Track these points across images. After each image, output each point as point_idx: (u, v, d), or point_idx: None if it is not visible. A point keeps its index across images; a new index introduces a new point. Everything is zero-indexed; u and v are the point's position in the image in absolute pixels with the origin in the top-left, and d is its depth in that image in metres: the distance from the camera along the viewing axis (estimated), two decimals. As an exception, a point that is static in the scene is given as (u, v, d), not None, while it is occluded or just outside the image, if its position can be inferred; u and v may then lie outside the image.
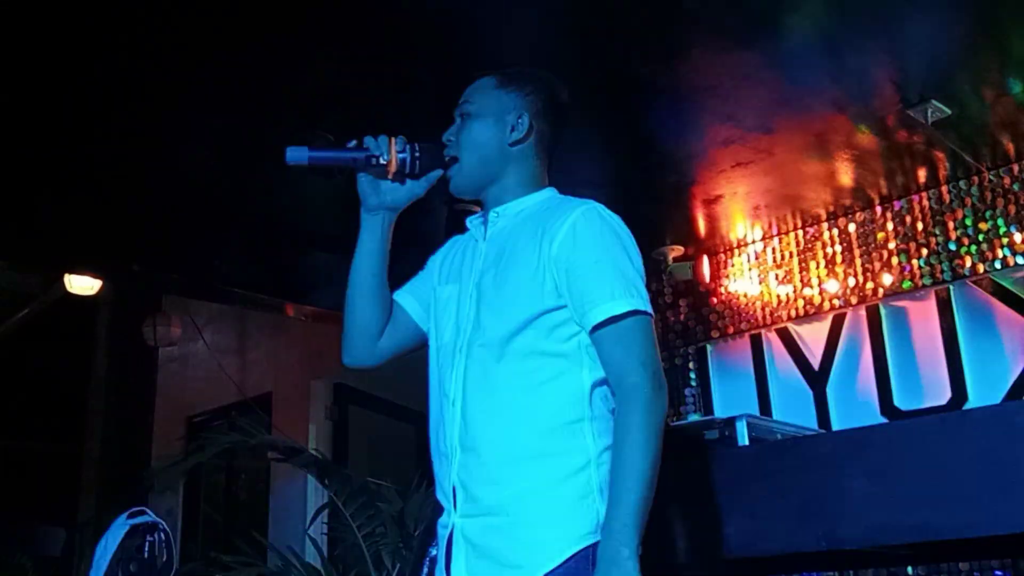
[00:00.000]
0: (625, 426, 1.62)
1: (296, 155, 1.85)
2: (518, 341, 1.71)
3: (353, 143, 1.86)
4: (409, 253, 2.05)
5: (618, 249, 1.74)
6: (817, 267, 4.98)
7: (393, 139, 1.85)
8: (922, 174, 4.49)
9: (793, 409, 4.88)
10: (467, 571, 1.70)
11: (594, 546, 1.62)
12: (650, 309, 1.72)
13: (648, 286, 1.77)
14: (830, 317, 4.92)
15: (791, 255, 5.09)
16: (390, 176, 1.86)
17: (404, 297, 2.01)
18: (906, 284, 4.66)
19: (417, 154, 1.86)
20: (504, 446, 1.68)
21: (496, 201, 1.88)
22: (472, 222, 1.95)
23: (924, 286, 4.61)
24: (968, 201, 4.53)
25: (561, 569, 1.61)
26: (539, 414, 1.69)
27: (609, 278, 1.69)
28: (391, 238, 1.97)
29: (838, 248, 4.92)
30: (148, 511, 4.01)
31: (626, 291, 1.69)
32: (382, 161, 1.83)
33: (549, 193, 1.93)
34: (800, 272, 5.04)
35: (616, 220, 1.82)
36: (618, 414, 1.65)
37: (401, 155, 1.85)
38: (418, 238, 2.09)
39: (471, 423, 1.71)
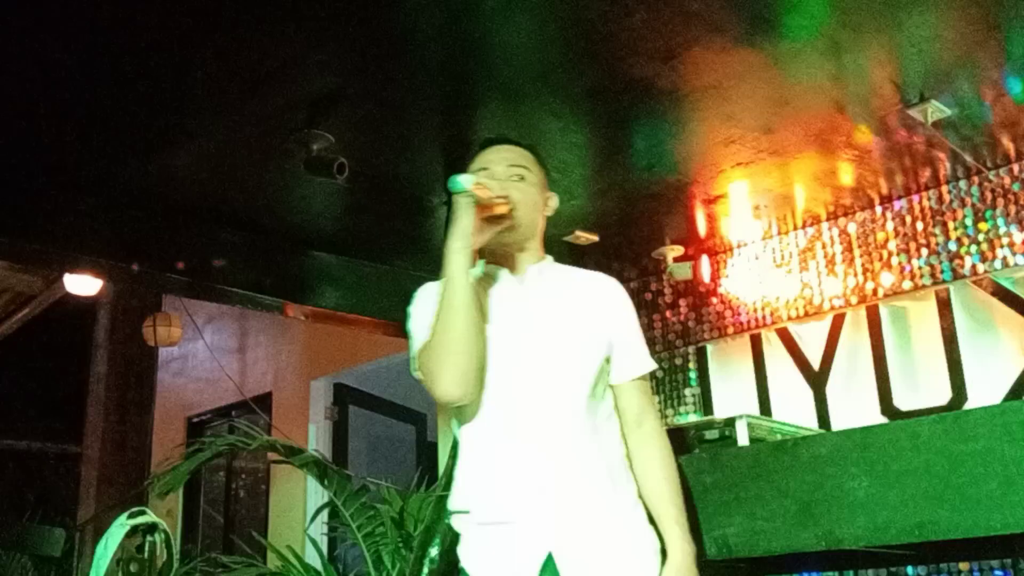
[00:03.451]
0: (665, 457, 2.07)
1: (462, 183, 1.93)
2: (589, 385, 2.01)
3: (472, 177, 1.98)
4: (409, 253, 2.05)
5: (637, 321, 2.19)
6: (817, 267, 4.98)
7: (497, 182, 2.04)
8: (922, 174, 4.49)
9: (793, 409, 4.88)
10: None
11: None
12: None
13: (648, 286, 2.01)
14: (830, 317, 4.92)
15: (791, 255, 5.10)
16: (486, 216, 1.97)
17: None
18: (906, 284, 4.66)
19: (503, 198, 2.00)
20: (590, 473, 1.97)
21: (525, 257, 2.11)
22: (491, 269, 2.12)
23: (924, 286, 4.61)
24: (968, 201, 4.53)
25: None
26: (610, 447, 2.03)
27: (642, 343, 2.15)
28: None
29: (838, 248, 4.92)
30: (148, 511, 4.02)
31: (648, 354, 2.15)
32: (498, 202, 1.98)
33: (551, 259, 2.20)
34: (800, 272, 5.04)
35: None
36: (651, 449, 2.07)
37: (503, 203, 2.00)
38: (417, 239, 2.09)
39: (560, 453, 1.95)
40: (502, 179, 2.05)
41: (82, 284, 5.75)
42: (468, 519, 2.00)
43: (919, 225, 4.66)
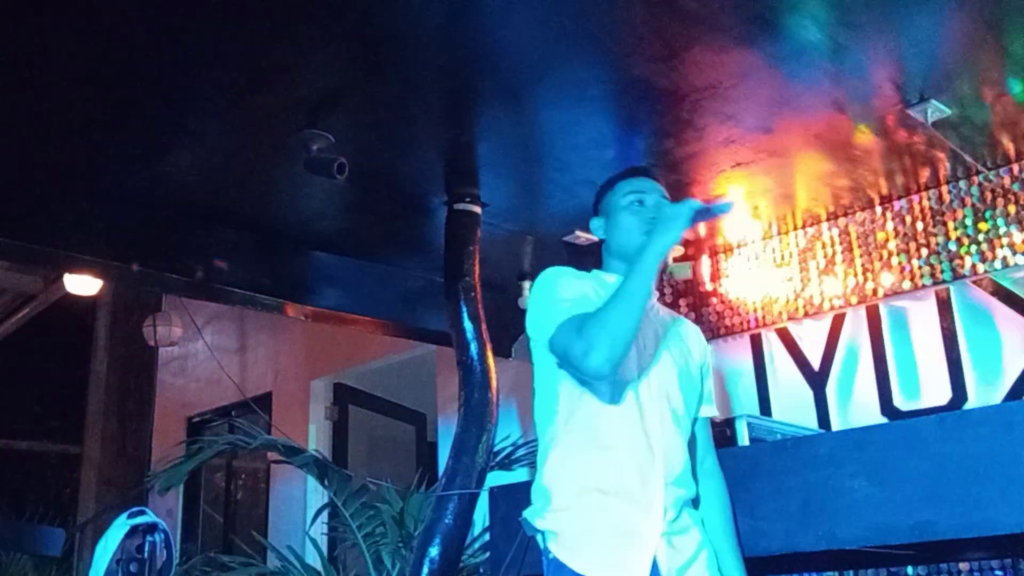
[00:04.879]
0: (729, 499, 2.29)
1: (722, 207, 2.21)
2: (694, 405, 2.29)
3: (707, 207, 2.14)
4: (409, 253, 2.06)
5: None
6: (817, 267, 4.98)
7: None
8: (922, 174, 4.49)
9: (793, 409, 4.88)
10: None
11: None
12: None
13: None
14: (830, 317, 4.92)
15: (791, 255, 5.10)
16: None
17: None
18: (906, 284, 4.66)
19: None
20: (691, 488, 2.20)
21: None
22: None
23: (924, 286, 4.61)
24: (968, 201, 4.53)
25: None
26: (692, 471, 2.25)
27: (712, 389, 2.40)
28: None
29: (838, 248, 4.92)
30: (148, 511, 4.01)
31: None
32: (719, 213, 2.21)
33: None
34: (800, 272, 5.04)
35: None
36: (720, 487, 2.30)
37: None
38: (417, 239, 2.09)
39: (674, 466, 2.14)
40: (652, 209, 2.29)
41: (82, 284, 5.75)
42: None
43: (919, 225, 4.66)
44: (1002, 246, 4.39)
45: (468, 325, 4.22)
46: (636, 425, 2.11)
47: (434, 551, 3.79)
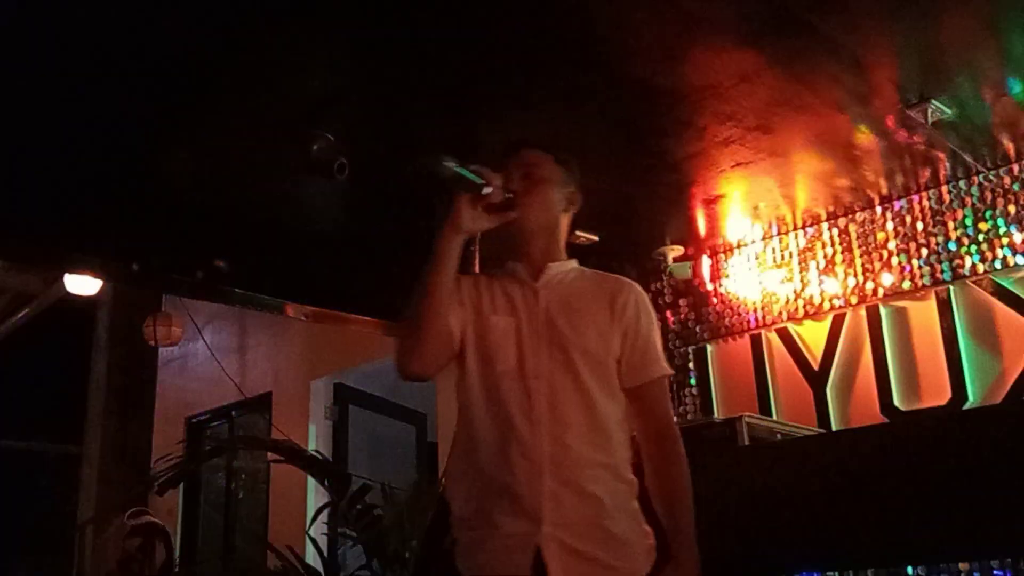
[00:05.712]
0: (679, 467, 2.05)
1: (443, 163, 1.99)
2: (596, 380, 2.03)
3: (474, 166, 2.01)
4: (409, 253, 2.06)
5: (656, 326, 2.17)
6: (817, 267, 4.98)
7: (498, 174, 2.07)
8: (922, 174, 4.49)
9: (793, 409, 4.88)
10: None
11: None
12: None
13: (648, 286, 2.03)
14: (830, 317, 4.92)
15: (791, 255, 5.10)
16: (480, 206, 2.03)
17: (452, 320, 2.12)
18: (906, 284, 4.66)
19: (510, 195, 2.07)
20: (591, 468, 1.97)
21: (544, 256, 2.16)
22: (517, 267, 2.17)
23: (924, 286, 4.61)
24: (968, 201, 4.53)
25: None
26: (614, 446, 2.02)
27: (658, 347, 2.13)
28: None
29: (838, 248, 4.92)
30: (148, 511, 4.02)
31: (664, 359, 2.13)
32: (487, 190, 2.01)
33: (575, 262, 2.22)
34: (800, 272, 5.04)
35: None
36: (665, 455, 2.06)
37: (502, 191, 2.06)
38: (417, 239, 2.09)
39: (560, 443, 1.96)
40: (518, 179, 2.12)
41: (82, 284, 5.75)
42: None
43: (919, 225, 4.66)
44: (1002, 246, 4.39)
45: (468, 325, 4.21)
46: (501, 417, 1.99)
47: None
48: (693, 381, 5.34)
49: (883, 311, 4.75)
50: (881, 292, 4.74)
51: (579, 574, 1.89)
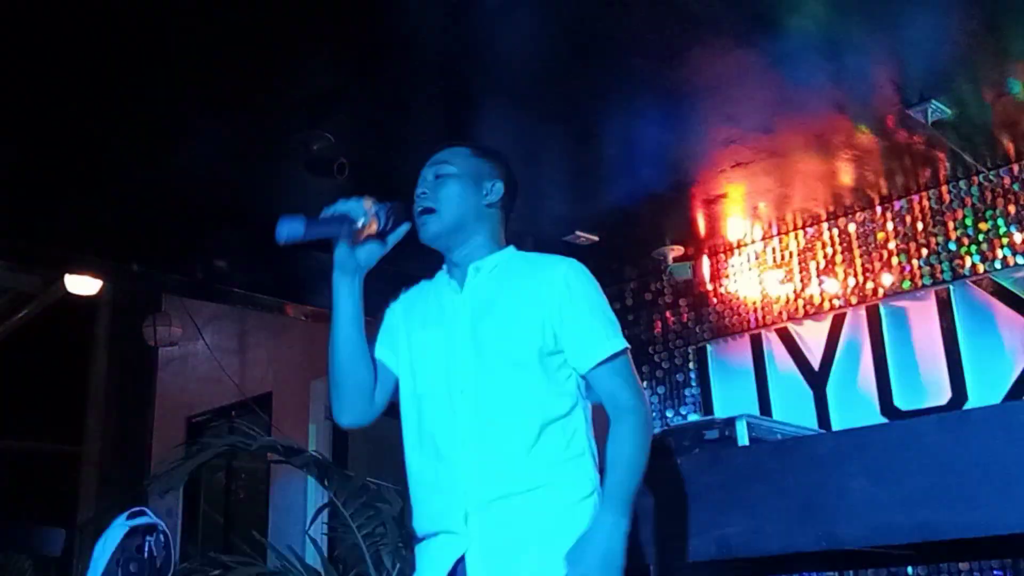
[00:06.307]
0: (624, 434, 1.88)
1: (290, 230, 1.96)
2: (527, 383, 1.89)
3: (329, 211, 1.95)
4: (409, 253, 2.06)
5: (602, 299, 1.99)
6: (817, 267, 4.98)
7: (367, 200, 1.97)
8: (922, 174, 4.49)
9: (793, 409, 4.88)
10: None
11: None
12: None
13: (648, 286, 1.96)
14: (830, 317, 4.92)
15: (791, 255, 5.09)
16: (364, 237, 1.96)
17: (383, 352, 2.09)
18: (906, 284, 4.66)
19: (391, 213, 1.98)
20: (520, 479, 1.85)
21: (467, 256, 2.03)
22: (443, 275, 2.08)
23: (924, 286, 4.61)
24: (968, 201, 4.53)
25: None
26: (549, 448, 1.88)
27: (602, 323, 1.95)
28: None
29: (838, 248, 4.92)
30: (148, 511, 4.01)
31: (616, 333, 1.95)
32: (360, 225, 1.93)
33: (512, 250, 2.08)
34: (800, 272, 5.04)
35: (590, 275, 2.02)
36: (617, 426, 1.90)
37: (378, 216, 1.96)
38: (417, 239, 2.09)
39: (487, 459, 1.86)
40: (430, 181, 2.05)
41: (82, 284, 5.74)
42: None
43: (919, 225, 4.66)
44: (1002, 246, 4.39)
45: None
46: (427, 439, 1.93)
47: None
48: (693, 381, 5.34)
49: (883, 311, 4.75)
50: (881, 292, 4.74)
51: None
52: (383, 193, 2.01)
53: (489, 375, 1.90)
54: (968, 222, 4.51)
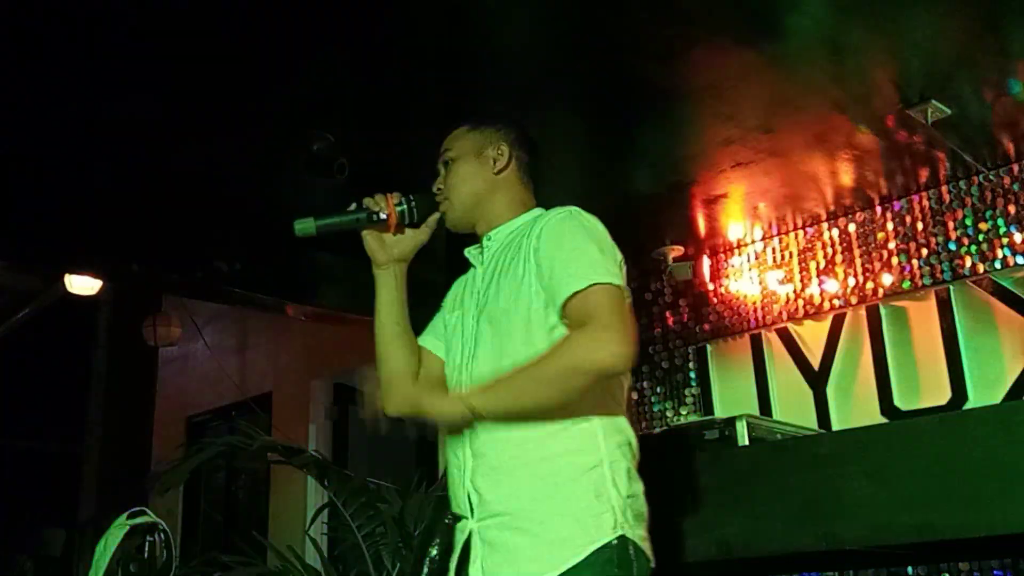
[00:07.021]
0: (568, 343, 1.72)
1: (304, 227, 2.04)
2: (521, 347, 1.81)
3: (353, 206, 2.02)
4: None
5: (582, 237, 1.83)
6: (817, 267, 4.98)
7: (389, 194, 2.02)
8: (922, 174, 4.49)
9: (793, 409, 4.88)
10: (483, 571, 1.79)
11: (615, 545, 1.71)
12: (618, 283, 1.77)
13: (648, 286, 1.91)
14: (830, 317, 4.92)
15: (791, 255, 5.09)
16: (392, 230, 2.03)
17: (426, 339, 2.13)
18: (906, 284, 4.66)
19: (413, 203, 2.02)
20: (515, 449, 1.79)
21: (489, 228, 2.03)
22: (470, 253, 2.08)
23: (924, 286, 4.61)
24: (968, 201, 4.53)
25: (582, 564, 1.68)
26: (548, 416, 1.77)
27: (575, 258, 1.78)
28: (405, 286, 2.13)
29: (838, 248, 4.92)
30: (148, 511, 4.01)
31: (590, 268, 1.76)
32: (382, 217, 2.00)
33: (537, 212, 2.02)
34: (800, 272, 5.04)
35: (588, 217, 1.92)
36: (575, 334, 1.72)
37: (399, 208, 2.01)
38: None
39: (481, 431, 1.83)
40: (441, 170, 2.06)
41: (82, 284, 5.75)
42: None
43: (919, 225, 4.66)
44: (1002, 246, 4.39)
45: (468, 324, 4.21)
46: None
47: (434, 551, 3.78)
48: (693, 381, 5.34)
49: (883, 311, 4.75)
50: (881, 292, 4.74)
51: (493, 563, 1.76)
52: (383, 194, 2.02)
53: (493, 350, 1.86)
54: (968, 222, 4.51)
